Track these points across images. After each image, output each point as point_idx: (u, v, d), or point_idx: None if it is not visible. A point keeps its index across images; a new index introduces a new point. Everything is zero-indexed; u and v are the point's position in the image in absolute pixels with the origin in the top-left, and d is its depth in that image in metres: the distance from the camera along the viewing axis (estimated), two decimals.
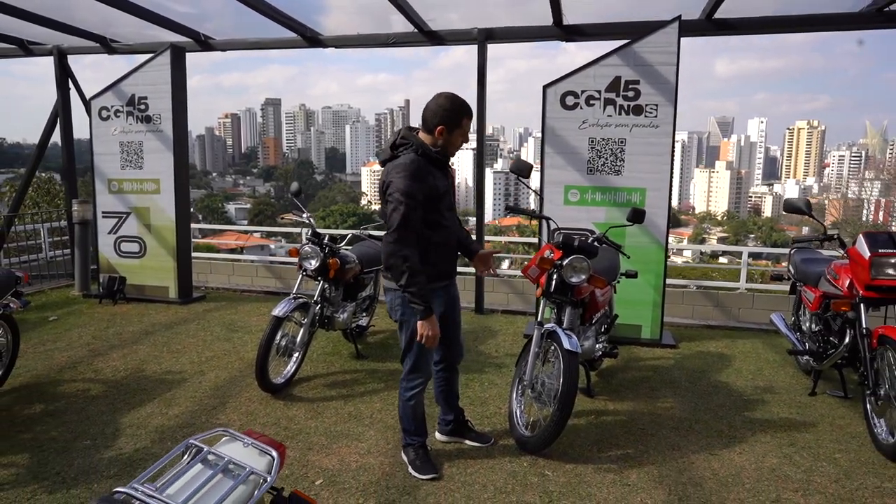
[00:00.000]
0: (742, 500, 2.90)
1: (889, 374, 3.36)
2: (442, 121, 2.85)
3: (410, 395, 3.10)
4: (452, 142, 2.91)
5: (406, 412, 3.15)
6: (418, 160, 2.82)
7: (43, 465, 3.18)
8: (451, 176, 3.09)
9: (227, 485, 1.67)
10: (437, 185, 2.86)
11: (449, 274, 3.10)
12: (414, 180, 2.75)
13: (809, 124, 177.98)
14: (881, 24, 5.36)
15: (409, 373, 3.09)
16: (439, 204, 2.91)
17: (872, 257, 3.48)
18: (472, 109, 2.95)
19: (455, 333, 3.24)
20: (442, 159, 2.93)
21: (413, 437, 3.17)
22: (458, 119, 2.87)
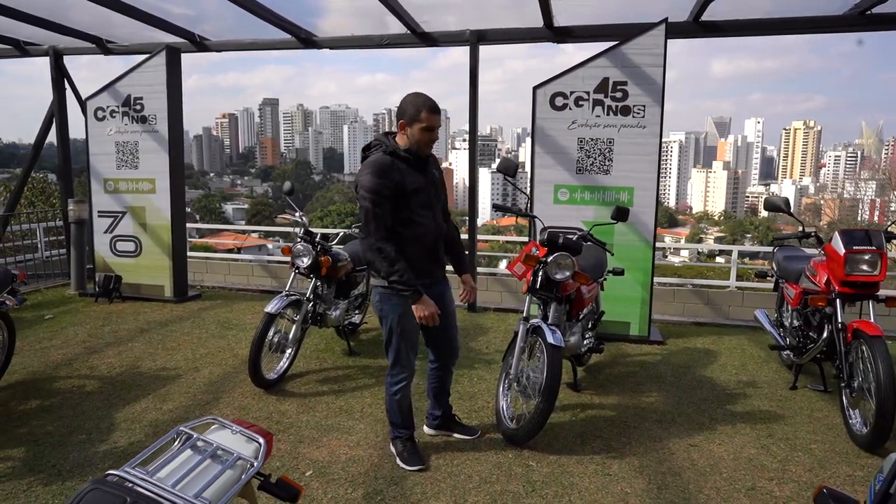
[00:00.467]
0: (719, 489, 3.00)
1: (863, 366, 3.46)
2: (401, 116, 2.93)
3: (395, 389, 3.17)
4: (414, 135, 2.91)
5: (392, 406, 3.22)
6: (384, 158, 2.90)
7: (39, 459, 3.25)
8: (433, 174, 3.08)
9: (216, 469, 1.75)
10: (404, 182, 2.89)
11: (427, 272, 3.08)
12: (377, 177, 2.85)
13: (806, 124, 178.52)
14: (863, 27, 5.46)
15: (392, 367, 3.17)
16: (410, 201, 2.93)
17: (847, 254, 3.57)
18: (434, 103, 2.92)
19: (445, 334, 3.27)
20: (410, 157, 2.95)
21: (400, 429, 3.25)
22: (417, 112, 2.89)
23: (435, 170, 3.13)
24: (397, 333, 3.08)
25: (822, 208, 41.25)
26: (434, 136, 2.94)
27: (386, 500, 2.88)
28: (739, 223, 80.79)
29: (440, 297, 3.19)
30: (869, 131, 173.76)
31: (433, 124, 2.91)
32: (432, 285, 3.12)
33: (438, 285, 3.19)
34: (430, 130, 2.91)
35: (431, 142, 2.96)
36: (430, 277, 3.10)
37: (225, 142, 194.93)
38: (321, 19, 7.00)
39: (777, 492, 2.98)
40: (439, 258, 3.18)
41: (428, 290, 3.06)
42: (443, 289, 3.23)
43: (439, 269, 3.20)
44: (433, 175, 3.08)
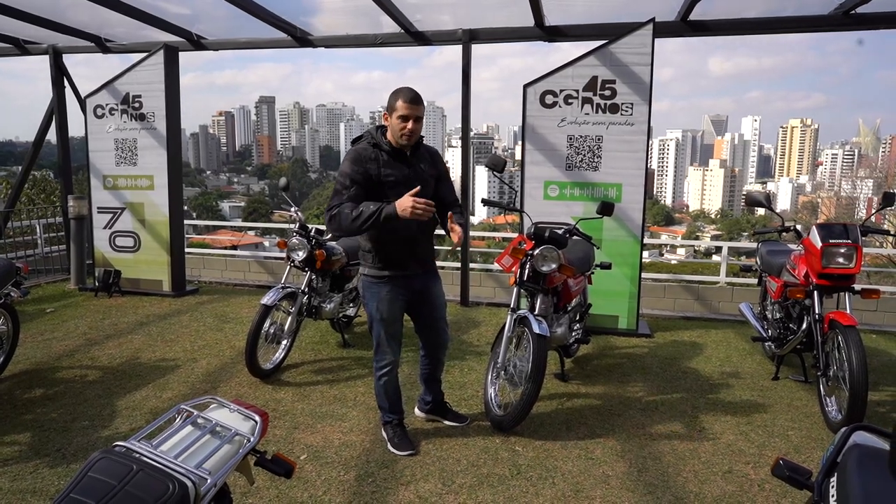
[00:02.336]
0: (697, 472, 3.13)
1: (838, 356, 3.59)
2: (385, 110, 3.03)
3: (380, 374, 3.30)
4: (392, 125, 2.97)
5: (379, 391, 3.36)
6: (364, 148, 3.01)
7: (44, 443, 3.37)
8: (420, 168, 3.09)
9: (214, 444, 1.87)
10: (380, 173, 2.97)
11: (402, 265, 3.13)
12: (352, 163, 2.97)
13: (803, 122, 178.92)
14: (847, 27, 5.59)
15: (375, 353, 3.29)
16: (387, 193, 2.96)
17: (824, 247, 3.71)
18: (413, 94, 2.95)
19: (433, 325, 3.35)
20: (389, 149, 3.01)
21: (389, 414, 3.37)
22: (394, 101, 2.95)
23: (424, 164, 3.14)
24: (377, 320, 3.19)
25: (818, 206, 41.40)
26: (410, 125, 2.94)
27: (377, 482, 3.01)
28: (736, 221, 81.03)
29: (424, 290, 3.24)
30: (866, 129, 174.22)
31: (408, 113, 2.92)
32: (412, 278, 3.17)
33: (419, 279, 3.22)
34: (405, 119, 2.93)
35: (409, 132, 2.95)
36: (406, 270, 3.15)
37: (221, 140, 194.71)
38: (315, 18, 7.09)
39: (752, 475, 3.11)
40: (419, 253, 3.18)
41: (408, 283, 3.15)
42: (427, 282, 3.27)
43: (418, 263, 3.20)
44: (420, 170, 3.09)
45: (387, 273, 3.13)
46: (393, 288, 3.15)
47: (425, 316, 3.32)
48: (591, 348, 5.15)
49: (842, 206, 38.52)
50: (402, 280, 3.14)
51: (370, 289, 3.16)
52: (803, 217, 44.28)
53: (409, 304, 3.25)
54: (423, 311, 3.31)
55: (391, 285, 3.15)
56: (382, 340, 3.23)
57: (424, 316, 3.32)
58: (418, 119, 2.96)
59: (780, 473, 1.69)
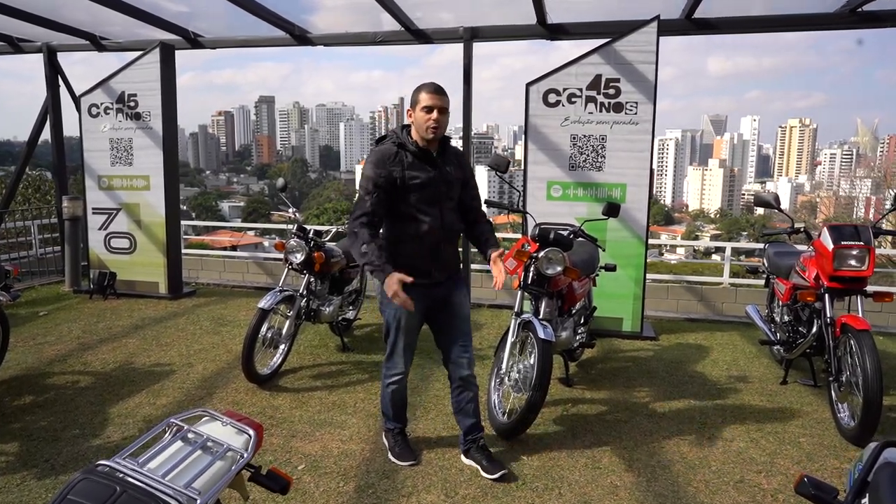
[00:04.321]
0: (707, 482, 3.03)
1: (850, 361, 3.49)
2: (409, 106, 2.91)
3: (388, 382, 3.16)
4: (417, 119, 2.84)
5: (385, 397, 3.22)
6: (388, 148, 2.87)
7: (32, 454, 3.27)
8: (446, 171, 2.93)
9: (206, 461, 1.77)
10: (405, 175, 2.83)
11: (426, 272, 2.94)
12: (375, 166, 2.83)
13: (801, 122, 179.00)
14: (854, 25, 5.49)
15: (386, 360, 3.15)
16: (411, 195, 2.85)
17: (836, 249, 3.61)
18: (436, 85, 2.85)
19: (451, 338, 3.11)
20: (418, 150, 2.87)
21: (391, 422, 3.26)
22: (417, 94, 2.84)
23: (451, 166, 2.97)
24: (394, 328, 3.04)
25: (817, 206, 41.34)
26: (435, 117, 2.80)
27: (378, 493, 2.91)
28: (735, 221, 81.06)
29: (446, 298, 3.06)
30: (864, 129, 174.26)
31: (432, 103, 2.79)
32: (433, 286, 3.00)
33: (442, 287, 3.04)
34: (429, 110, 2.80)
35: (435, 124, 2.81)
36: (428, 278, 2.96)
37: (221, 139, 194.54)
38: (315, 16, 7.00)
39: (765, 484, 3.01)
40: (443, 259, 3.00)
41: (428, 292, 2.96)
42: (449, 291, 3.07)
43: (442, 270, 3.01)
44: (446, 172, 2.93)
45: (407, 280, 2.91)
46: (415, 295, 2.90)
47: (445, 327, 3.11)
48: (595, 352, 5.05)
49: (840, 205, 38.47)
50: (424, 288, 2.95)
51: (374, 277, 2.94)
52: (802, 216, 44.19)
53: (430, 312, 3.08)
54: (442, 320, 3.11)
55: (412, 293, 2.90)
56: (397, 350, 3.08)
57: (445, 326, 3.12)
58: (443, 110, 2.82)
59: (804, 491, 1.59)
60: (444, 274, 3.02)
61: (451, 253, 3.05)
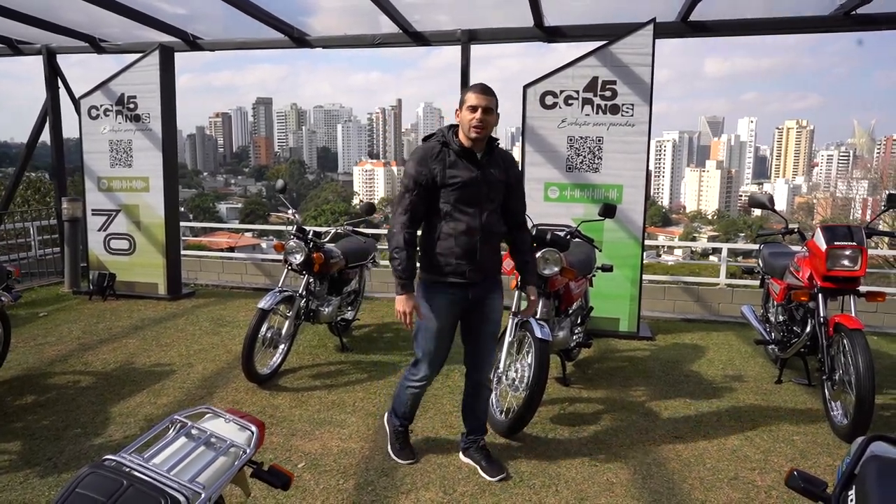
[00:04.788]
0: (702, 479, 3.07)
1: (843, 359, 3.54)
2: (457, 107, 2.87)
3: (409, 384, 3.13)
4: (463, 119, 2.80)
5: (401, 395, 3.20)
6: (432, 145, 2.85)
7: (35, 452, 3.30)
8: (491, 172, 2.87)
9: (209, 456, 1.81)
10: (445, 174, 2.79)
11: (460, 272, 2.88)
12: (417, 164, 2.82)
13: (798, 124, 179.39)
14: (848, 28, 5.55)
15: (413, 364, 3.12)
16: (451, 194, 2.81)
17: (829, 249, 3.66)
18: (483, 85, 2.81)
19: (477, 345, 3.10)
20: (458, 149, 2.82)
21: (398, 418, 3.26)
22: (462, 95, 2.82)
23: (496, 169, 2.90)
24: (424, 328, 2.98)
25: (814, 207, 41.50)
26: (479, 116, 2.75)
27: (377, 490, 2.95)
28: (733, 222, 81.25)
29: (478, 303, 3.00)
30: (861, 130, 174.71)
31: (477, 102, 2.75)
32: (468, 287, 2.93)
33: (477, 289, 2.96)
34: (473, 109, 2.75)
35: (479, 123, 2.76)
36: (463, 278, 2.89)
37: (218, 141, 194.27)
38: (312, 18, 7.02)
39: (759, 481, 3.06)
40: (480, 260, 2.90)
41: (463, 292, 2.93)
42: (484, 294, 3.01)
43: (478, 271, 2.91)
44: (490, 173, 2.87)
45: (443, 279, 2.91)
46: (448, 296, 2.93)
47: (474, 328, 3.08)
48: (592, 351, 5.09)
49: (837, 206, 38.58)
50: (460, 288, 2.91)
51: (427, 295, 2.95)
52: (799, 218, 44.32)
53: (463, 314, 3.03)
54: (473, 321, 3.06)
55: (447, 292, 2.92)
56: (426, 353, 3.02)
57: (473, 328, 3.08)
58: (488, 110, 2.76)
59: (794, 485, 1.63)
60: (480, 275, 2.93)
61: (490, 255, 2.96)
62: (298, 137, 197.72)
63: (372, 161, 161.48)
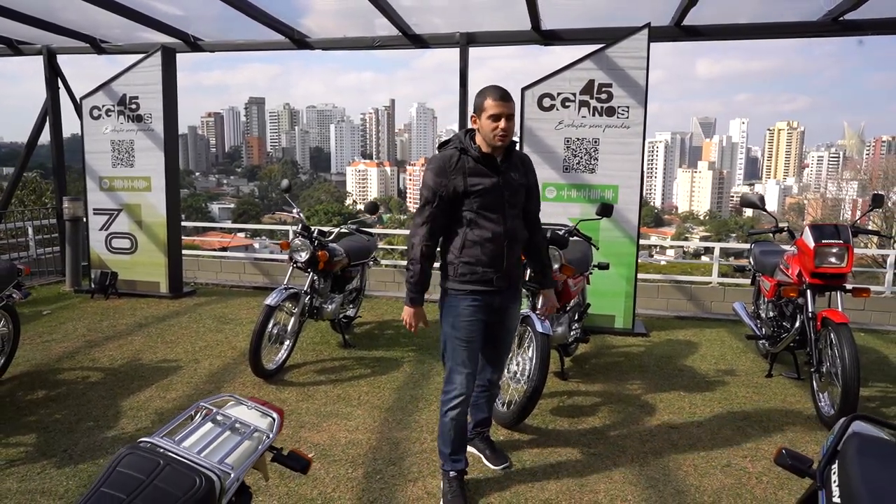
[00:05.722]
0: (696, 466, 3.21)
1: (830, 352, 3.69)
2: (474, 111, 2.74)
3: (447, 409, 2.88)
4: (483, 127, 2.68)
5: (444, 429, 2.90)
6: (450, 154, 2.75)
7: (50, 444, 3.39)
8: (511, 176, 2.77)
9: (235, 440, 1.92)
10: (466, 182, 2.69)
11: (486, 280, 2.77)
12: (436, 175, 2.72)
13: (789, 125, 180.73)
14: (836, 33, 5.72)
15: (445, 382, 2.92)
16: (473, 202, 2.71)
17: (817, 247, 3.80)
18: (502, 91, 2.69)
19: (496, 350, 3.03)
20: (477, 155, 2.72)
21: (449, 462, 2.91)
22: (482, 101, 2.68)
23: (516, 172, 2.81)
24: (452, 338, 2.84)
25: (805, 208, 41.86)
26: (503, 126, 2.65)
27: (385, 478, 3.06)
28: (724, 223, 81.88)
29: (501, 310, 2.90)
30: (851, 132, 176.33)
31: (499, 111, 2.64)
32: (493, 295, 2.82)
33: (501, 296, 2.87)
34: (496, 119, 2.64)
35: (502, 132, 2.66)
36: (490, 286, 2.79)
37: (211, 141, 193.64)
38: (309, 20, 7.02)
39: (750, 468, 3.20)
40: (506, 268, 2.80)
41: (489, 300, 2.81)
42: (508, 301, 2.91)
43: (504, 278, 2.82)
44: (510, 178, 2.77)
45: (470, 287, 2.79)
46: (474, 304, 2.81)
47: (494, 335, 2.97)
48: (589, 347, 5.22)
49: (828, 207, 38.92)
50: (487, 296, 2.81)
51: (450, 304, 2.83)
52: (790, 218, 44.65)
53: (487, 323, 2.89)
54: (493, 329, 2.94)
55: (474, 301, 2.81)
56: (457, 365, 2.86)
57: (493, 334, 2.97)
58: (510, 117, 2.67)
59: (782, 462, 1.75)
60: (505, 282, 2.84)
61: (514, 261, 2.87)
62: (291, 137, 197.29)
63: (365, 161, 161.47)
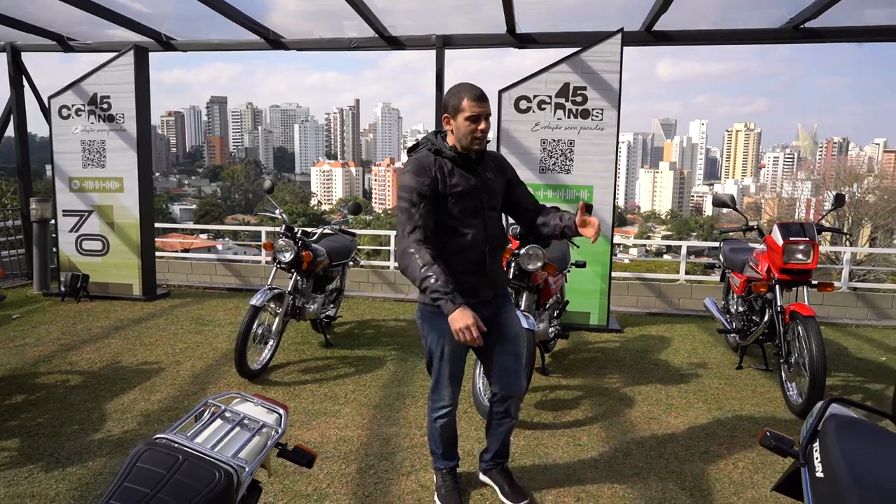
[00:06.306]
0: (676, 453, 3.36)
1: (798, 344, 3.89)
2: (445, 110, 2.57)
3: (435, 416, 2.82)
4: (460, 129, 2.51)
5: (432, 433, 2.88)
6: (426, 156, 2.59)
7: (35, 449, 3.34)
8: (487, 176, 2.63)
9: (245, 436, 1.96)
10: (446, 183, 2.54)
11: (472, 290, 2.59)
12: (416, 174, 2.52)
13: (746, 126, 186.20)
14: (797, 40, 5.99)
15: (431, 392, 2.82)
16: (453, 206, 2.55)
17: (785, 244, 4.01)
18: (478, 91, 2.52)
19: (498, 361, 2.77)
20: (457, 156, 2.56)
21: (440, 461, 2.93)
22: (458, 102, 2.50)
23: (491, 173, 2.67)
24: (437, 357, 2.70)
25: (762, 207, 43.20)
26: (482, 127, 2.50)
27: (378, 473, 3.12)
28: (685, 222, 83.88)
29: (493, 317, 2.69)
30: (805, 133, 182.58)
31: (478, 112, 2.48)
32: (480, 305, 2.59)
33: (489, 306, 2.69)
34: (474, 120, 2.49)
35: (481, 133, 2.52)
36: (476, 297, 2.60)
37: (171, 140, 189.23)
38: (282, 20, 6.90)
39: (727, 454, 3.36)
40: (490, 274, 2.66)
41: (477, 311, 2.48)
42: (496, 310, 2.73)
43: (488, 286, 2.67)
44: (487, 179, 2.63)
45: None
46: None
47: (493, 348, 2.73)
48: (566, 343, 5.37)
49: (784, 206, 40.25)
50: (471, 308, 2.48)
51: (431, 320, 2.63)
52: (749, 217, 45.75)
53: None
54: (490, 342, 2.69)
55: None
56: (442, 381, 2.74)
57: (492, 348, 2.73)
58: (488, 117, 2.53)
59: (766, 443, 1.88)
60: (490, 291, 2.69)
61: (497, 267, 2.73)
62: (254, 137, 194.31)
63: (330, 162, 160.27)
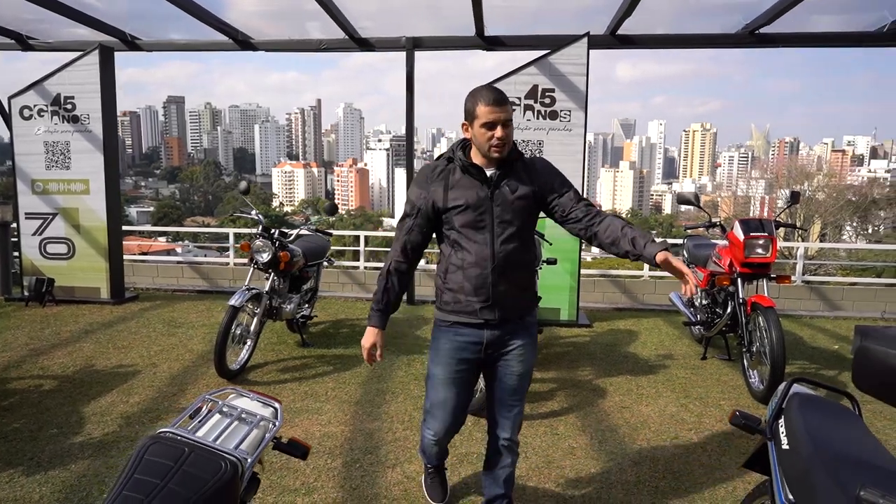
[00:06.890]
0: (649, 440, 3.53)
1: (759, 334, 4.12)
2: (464, 117, 2.33)
3: (425, 435, 2.70)
4: (477, 137, 2.28)
5: (423, 444, 2.80)
6: (433, 164, 2.45)
7: (13, 453, 3.30)
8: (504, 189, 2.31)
9: (244, 430, 2.03)
10: (446, 195, 2.33)
11: (470, 311, 2.36)
12: (416, 186, 2.42)
13: (703, 127, 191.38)
14: (753, 45, 6.29)
15: (424, 412, 2.67)
16: (453, 219, 2.33)
17: (746, 239, 4.23)
18: (495, 94, 2.25)
19: (497, 396, 2.52)
20: (463, 165, 2.34)
21: (428, 463, 2.96)
22: (473, 108, 2.27)
23: (517, 184, 2.33)
24: (429, 374, 2.56)
25: (719, 205, 44.54)
26: (499, 134, 2.24)
27: (364, 466, 3.20)
28: (645, 220, 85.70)
29: (497, 349, 2.44)
30: (758, 133, 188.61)
31: (494, 118, 2.23)
32: (481, 329, 2.38)
33: (497, 330, 2.40)
34: (491, 126, 2.24)
35: (498, 141, 2.25)
36: (475, 317, 2.37)
37: (127, 141, 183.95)
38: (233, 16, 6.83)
39: (695, 439, 3.55)
40: (495, 296, 2.34)
41: (476, 334, 2.39)
42: (506, 338, 2.42)
43: (494, 309, 2.35)
44: (504, 191, 2.32)
45: (453, 318, 2.41)
46: (458, 338, 2.42)
47: (495, 379, 2.51)
48: (539, 338, 5.51)
49: (739, 204, 41.55)
50: (472, 329, 2.39)
51: (436, 335, 2.51)
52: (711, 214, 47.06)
53: (481, 362, 2.48)
54: (494, 371, 2.49)
55: (456, 335, 2.42)
56: (433, 404, 2.55)
57: (494, 378, 2.51)
58: (507, 123, 2.26)
59: (736, 422, 2.04)
60: (495, 314, 2.36)
61: (511, 291, 2.37)
62: (213, 138, 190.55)
63: (291, 162, 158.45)
